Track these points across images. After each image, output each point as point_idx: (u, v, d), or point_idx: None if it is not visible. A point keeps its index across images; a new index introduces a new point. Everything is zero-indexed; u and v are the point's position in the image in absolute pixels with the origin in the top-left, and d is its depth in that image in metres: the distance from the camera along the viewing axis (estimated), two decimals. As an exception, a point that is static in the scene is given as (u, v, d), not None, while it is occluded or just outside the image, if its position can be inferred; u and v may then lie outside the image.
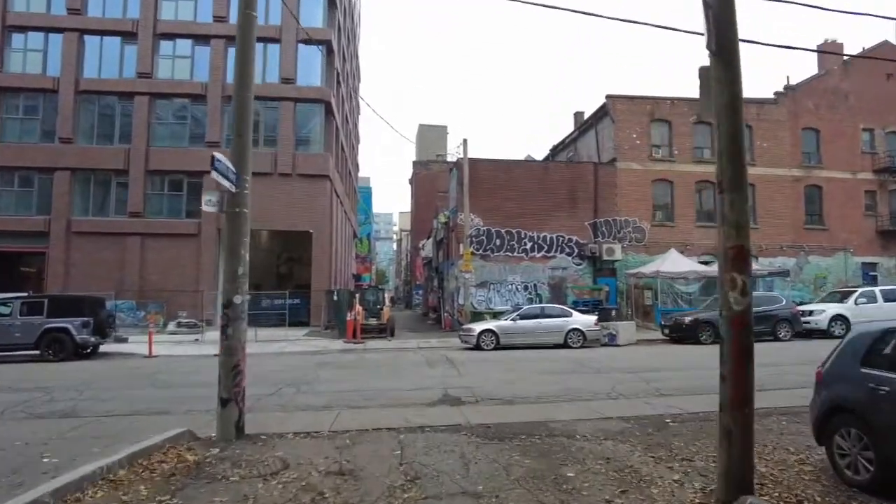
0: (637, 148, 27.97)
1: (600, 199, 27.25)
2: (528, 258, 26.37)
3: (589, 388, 10.83)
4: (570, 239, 26.75)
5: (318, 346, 19.51)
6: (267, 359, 16.46)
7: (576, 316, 18.31)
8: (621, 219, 27.37)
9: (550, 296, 26.21)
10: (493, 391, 10.58)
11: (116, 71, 25.90)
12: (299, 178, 26.05)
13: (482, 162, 26.30)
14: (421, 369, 13.77)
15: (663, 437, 6.99)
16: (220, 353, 6.99)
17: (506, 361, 14.91)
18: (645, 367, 13.53)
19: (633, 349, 18.05)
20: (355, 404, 9.63)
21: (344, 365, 14.79)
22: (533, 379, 12.01)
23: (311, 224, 26.16)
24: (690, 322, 18.86)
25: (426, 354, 16.93)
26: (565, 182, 27.01)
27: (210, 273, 25.49)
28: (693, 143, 28.47)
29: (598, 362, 14.43)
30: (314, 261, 26.42)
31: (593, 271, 26.90)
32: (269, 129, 26.67)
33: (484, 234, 26.13)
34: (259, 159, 25.85)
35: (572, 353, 16.77)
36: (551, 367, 13.61)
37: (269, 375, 12.87)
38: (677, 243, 27.13)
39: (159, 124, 26.38)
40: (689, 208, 28.09)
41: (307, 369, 13.82)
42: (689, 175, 28.16)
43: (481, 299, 25.86)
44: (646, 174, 27.88)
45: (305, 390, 11.00)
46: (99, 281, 24.57)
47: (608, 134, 28.68)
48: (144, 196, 25.74)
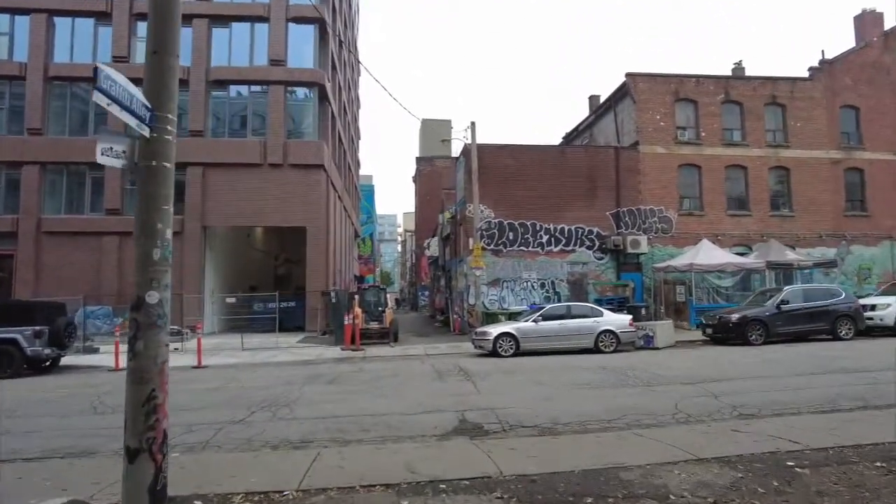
0: (661, 130, 25.53)
1: (622, 187, 24.82)
2: (545, 253, 23.95)
3: (646, 406, 8.43)
4: (591, 231, 24.32)
5: (312, 355, 17.15)
6: (249, 371, 14.11)
7: (607, 315, 15.87)
8: (646, 208, 24.93)
9: (570, 293, 23.78)
10: (524, 414, 8.18)
11: (90, 55, 23.65)
12: (292, 168, 23.71)
13: (492, 147, 23.91)
14: (429, 383, 11.36)
15: (804, 496, 4.58)
16: (127, 380, 4.61)
17: (530, 371, 12.50)
18: (701, 376, 11.10)
19: (674, 353, 15.60)
20: (344, 436, 7.27)
21: (337, 378, 12.41)
22: (571, 395, 9.60)
23: (305, 219, 23.82)
24: (738, 320, 16.41)
25: (435, 363, 14.52)
26: (584, 168, 24.59)
27: (195, 274, 23.18)
28: (722, 125, 26.00)
29: (642, 371, 12.00)
30: (309, 259, 24.08)
31: (617, 266, 24.45)
32: (258, 117, 24.36)
33: (495, 227, 23.73)
34: (247, 149, 23.59)
35: (606, 359, 14.33)
36: (589, 379, 11.19)
37: (244, 394, 10.53)
38: (707, 234, 24.72)
39: (137, 112, 24.06)
40: (718, 195, 25.61)
41: (293, 385, 11.45)
42: (718, 159, 25.72)
43: (494, 299, 23.45)
44: (671, 159, 25.44)
45: (284, 415, 8.63)
46: (73, 285, 22.32)
47: (629, 116, 26.25)
48: (122, 191, 23.47)
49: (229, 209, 23.42)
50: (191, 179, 23.33)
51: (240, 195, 23.40)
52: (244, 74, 24.05)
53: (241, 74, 24.03)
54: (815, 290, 17.35)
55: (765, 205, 25.86)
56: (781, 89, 26.37)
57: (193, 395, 10.63)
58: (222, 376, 13.18)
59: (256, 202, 23.42)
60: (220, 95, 24.19)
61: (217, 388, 11.38)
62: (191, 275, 23.07)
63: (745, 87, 26.27)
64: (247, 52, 24.29)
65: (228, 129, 24.26)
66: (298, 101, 24.82)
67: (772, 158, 26.04)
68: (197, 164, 23.32)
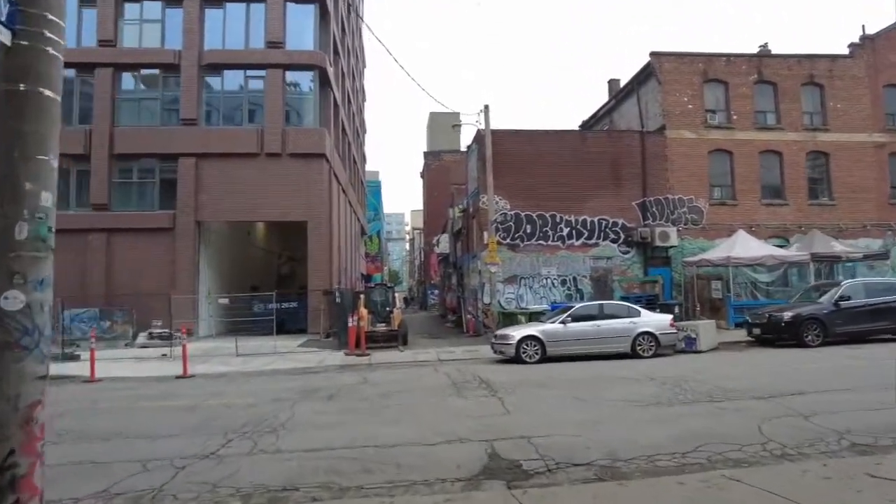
0: (689, 113, 23.60)
1: (649, 175, 22.92)
2: (566, 247, 22.10)
3: (723, 432, 6.60)
4: (615, 223, 22.44)
5: (312, 362, 15.41)
6: (238, 382, 12.38)
7: (645, 315, 13.98)
8: (674, 197, 23.02)
9: (593, 291, 21.92)
10: (570, 445, 6.36)
11: (73, 39, 21.99)
12: (291, 158, 21.97)
13: (507, 133, 22.08)
14: (446, 399, 9.54)
15: None
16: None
17: (564, 383, 10.67)
18: (772, 387, 9.23)
19: (722, 357, 13.71)
20: (340, 480, 5.51)
21: (338, 393, 10.63)
22: (623, 416, 7.77)
23: (306, 212, 22.08)
24: (791, 318, 14.50)
25: (450, 372, 12.71)
26: (607, 155, 22.71)
27: (187, 273, 21.52)
28: (754, 107, 24.04)
29: (697, 381, 10.14)
30: (311, 256, 22.35)
31: (644, 260, 22.55)
32: (255, 103, 22.64)
33: (512, 220, 21.89)
34: (243, 138, 21.91)
35: (648, 366, 12.47)
36: (637, 393, 9.35)
37: (224, 414, 8.79)
38: (740, 225, 22.78)
39: (125, 100, 22.46)
40: (752, 183, 23.66)
41: (284, 402, 9.69)
42: (751, 144, 23.77)
43: (510, 297, 21.63)
44: (700, 144, 23.51)
45: (267, 446, 6.87)
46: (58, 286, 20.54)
47: (654, 99, 24.33)
48: (110, 185, 21.84)
49: (224, 203, 21.74)
50: (183, 171, 21.68)
51: (235, 188, 21.71)
52: (239, 58, 22.34)
53: (237, 58, 22.32)
54: (877, 285, 15.39)
55: (802, 193, 23.88)
56: (819, 68, 24.35)
57: (164, 415, 8.91)
58: (206, 389, 11.46)
59: (253, 195, 21.72)
60: (214, 81, 22.51)
61: (194, 405, 9.65)
62: (184, 274, 21.42)
63: (780, 66, 24.28)
64: (242, 35, 22.58)
65: (223, 117, 22.58)
66: (298, 87, 23.08)
67: (809, 143, 24.05)
68: (189, 155, 21.67)
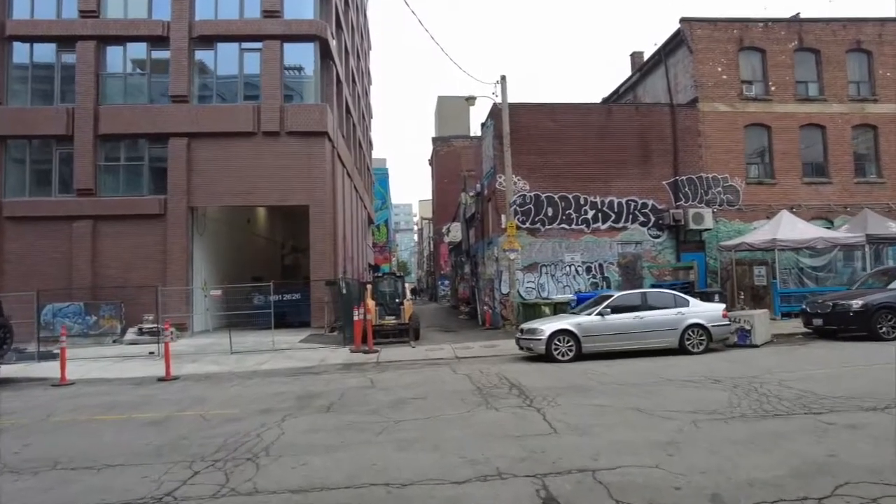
0: (723, 85, 21.60)
1: (681, 152, 20.99)
2: (591, 231, 20.26)
3: (855, 460, 4.81)
4: (645, 204, 20.55)
5: (313, 360, 13.71)
6: (225, 386, 10.67)
7: (694, 305, 12.12)
8: (708, 176, 21.10)
9: (621, 278, 20.11)
10: (652, 484, 4.56)
11: (53, 10, 20.26)
12: (290, 137, 20.18)
13: (526, 107, 20.19)
14: (473, 411, 7.69)
15: None
16: None
17: (612, 387, 8.85)
18: (871, 392, 7.41)
19: (784, 352, 11.85)
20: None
21: (339, 401, 8.86)
22: (704, 435, 5.94)
23: (307, 196, 20.31)
24: (861, 308, 12.61)
25: (472, 373, 10.91)
26: (635, 131, 20.78)
27: (180, 264, 19.85)
28: (795, 77, 21.98)
29: (772, 383, 8.31)
30: (313, 244, 20.60)
31: (676, 245, 20.66)
32: (251, 79, 20.84)
33: (531, 202, 20.06)
34: (238, 116, 20.16)
35: (702, 363, 10.65)
36: (708, 400, 7.52)
37: (198, 432, 7.07)
38: (779, 206, 20.86)
39: (111, 77, 20.70)
40: (792, 160, 21.68)
41: (274, 414, 7.96)
42: (791, 118, 21.76)
43: (531, 286, 19.86)
44: (736, 118, 21.54)
45: (239, 482, 5.12)
46: (41, 278, 19.14)
47: (684, 69, 22.32)
48: (95, 168, 20.14)
49: (219, 186, 20.01)
50: (173, 153, 19.95)
51: (230, 170, 19.97)
52: (233, 29, 20.53)
53: (230, 29, 20.50)
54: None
55: (848, 170, 21.87)
56: (867, 33, 22.22)
57: (125, 433, 7.21)
58: (187, 395, 9.77)
59: (250, 178, 19.98)
60: (206, 55, 20.71)
61: (165, 418, 7.95)
62: (176, 264, 19.75)
63: (823, 32, 22.17)
64: (236, 4, 20.75)
65: (216, 93, 20.80)
66: (297, 60, 21.22)
67: (856, 115, 22.00)
68: (181, 135, 19.94)
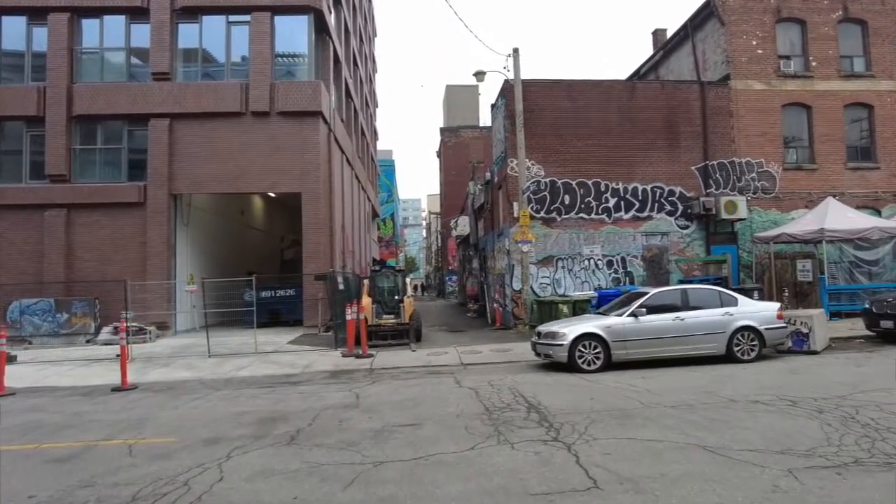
0: (758, 60, 19.55)
1: (711, 134, 19.00)
2: (612, 221, 18.33)
3: None
4: (672, 191, 18.60)
5: (297, 366, 11.91)
6: (183, 400, 8.83)
7: (743, 304, 10.17)
8: (741, 161, 19.09)
9: (646, 274, 18.17)
10: None
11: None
12: (281, 117, 18.38)
13: (541, 84, 18.28)
14: (481, 450, 5.69)
15: None
16: None
17: (660, 410, 6.92)
18: None
19: (853, 361, 9.87)
20: None
21: (310, 426, 6.99)
22: (819, 499, 4.08)
23: (299, 182, 18.52)
24: (943, 308, 10.65)
25: (480, 386, 9.01)
26: (661, 111, 18.80)
27: (162, 257, 18.13)
28: (839, 51, 19.88)
29: (872, 406, 6.38)
30: (305, 234, 18.85)
31: (705, 237, 18.69)
32: (238, 55, 19.04)
33: (547, 189, 18.16)
34: (225, 94, 18.38)
35: (758, 373, 8.72)
36: (794, 433, 5.59)
37: (116, 470, 5.23)
38: (820, 193, 18.86)
39: (86, 53, 18.98)
40: (835, 143, 19.61)
41: (220, 446, 6.11)
42: (835, 96, 19.69)
43: (545, 282, 17.97)
44: (772, 97, 19.49)
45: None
46: (11, 272, 17.62)
47: (714, 44, 20.28)
48: (69, 152, 18.46)
49: (203, 172, 18.26)
50: (154, 135, 18.23)
51: (216, 154, 18.21)
52: (220, 0, 18.75)
53: (216, 0, 18.73)
54: None
55: (898, 154, 19.80)
56: (912, -3, 20.09)
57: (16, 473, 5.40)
58: (130, 414, 7.99)
59: (237, 162, 18.22)
60: (190, 28, 18.93)
61: (83, 449, 6.12)
62: (157, 257, 18.03)
63: (871, 1, 20.04)
64: (222, -28, 18.96)
65: (201, 70, 19.03)
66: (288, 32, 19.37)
67: (908, 93, 19.91)
68: (162, 116, 18.21)
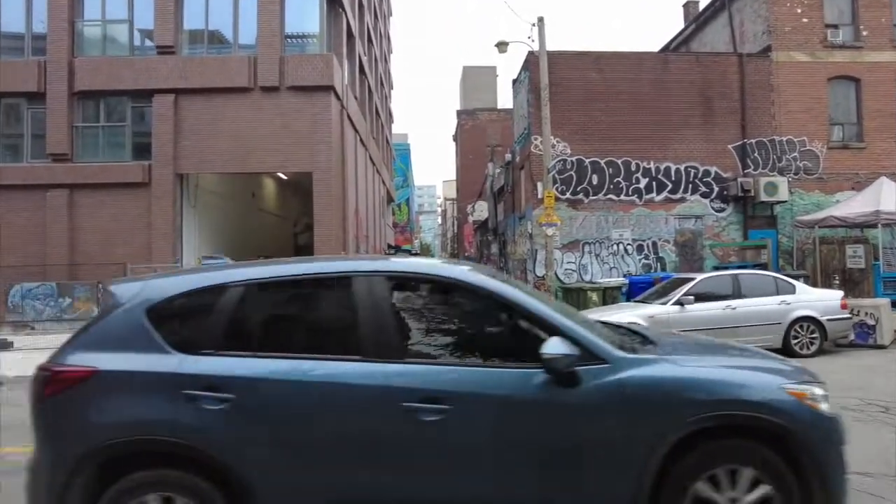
0: (803, 29, 18.15)
1: (749, 110, 17.70)
2: (643, 203, 17.18)
3: None
4: (707, 171, 17.38)
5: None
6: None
7: (802, 292, 9.05)
8: (782, 139, 17.80)
9: (678, 259, 17.03)
10: None
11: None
12: (291, 92, 17.43)
13: (568, 55, 17.13)
14: None
15: None
16: None
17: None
18: None
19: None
20: None
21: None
22: None
23: (310, 161, 17.63)
24: None
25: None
26: (695, 85, 17.54)
27: (167, 238, 17.39)
28: (892, 18, 18.41)
29: None
30: (316, 217, 18.00)
31: (743, 220, 17.46)
32: (246, 27, 18.09)
33: (573, 168, 17.04)
34: (232, 68, 17.45)
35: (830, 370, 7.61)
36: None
37: None
38: (868, 174, 17.51)
39: (87, 25, 18.17)
40: (886, 119, 18.23)
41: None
42: (887, 68, 18.30)
43: (571, 268, 16.92)
44: (817, 69, 18.11)
45: None
46: (13, 254, 16.98)
47: (753, 13, 18.88)
48: (71, 130, 17.72)
49: (210, 151, 17.43)
50: (159, 112, 17.40)
51: (223, 132, 17.36)
52: (225, -30, 17.81)
53: (222, -30, 17.81)
54: None
55: (955, 132, 18.34)
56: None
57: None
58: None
59: (245, 141, 17.35)
60: None
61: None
62: (162, 240, 17.31)
63: (928, -37, 18.52)
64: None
65: (207, 43, 18.13)
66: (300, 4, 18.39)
67: (968, 65, 18.40)
68: (166, 91, 17.36)
